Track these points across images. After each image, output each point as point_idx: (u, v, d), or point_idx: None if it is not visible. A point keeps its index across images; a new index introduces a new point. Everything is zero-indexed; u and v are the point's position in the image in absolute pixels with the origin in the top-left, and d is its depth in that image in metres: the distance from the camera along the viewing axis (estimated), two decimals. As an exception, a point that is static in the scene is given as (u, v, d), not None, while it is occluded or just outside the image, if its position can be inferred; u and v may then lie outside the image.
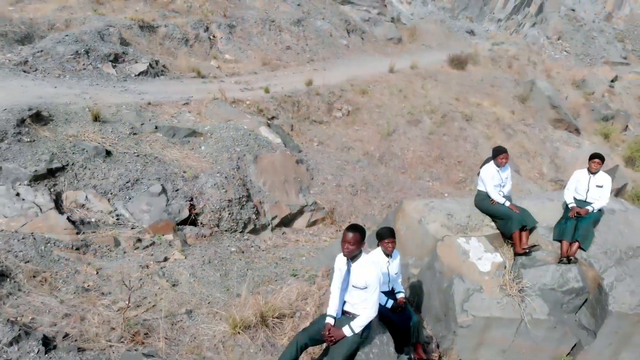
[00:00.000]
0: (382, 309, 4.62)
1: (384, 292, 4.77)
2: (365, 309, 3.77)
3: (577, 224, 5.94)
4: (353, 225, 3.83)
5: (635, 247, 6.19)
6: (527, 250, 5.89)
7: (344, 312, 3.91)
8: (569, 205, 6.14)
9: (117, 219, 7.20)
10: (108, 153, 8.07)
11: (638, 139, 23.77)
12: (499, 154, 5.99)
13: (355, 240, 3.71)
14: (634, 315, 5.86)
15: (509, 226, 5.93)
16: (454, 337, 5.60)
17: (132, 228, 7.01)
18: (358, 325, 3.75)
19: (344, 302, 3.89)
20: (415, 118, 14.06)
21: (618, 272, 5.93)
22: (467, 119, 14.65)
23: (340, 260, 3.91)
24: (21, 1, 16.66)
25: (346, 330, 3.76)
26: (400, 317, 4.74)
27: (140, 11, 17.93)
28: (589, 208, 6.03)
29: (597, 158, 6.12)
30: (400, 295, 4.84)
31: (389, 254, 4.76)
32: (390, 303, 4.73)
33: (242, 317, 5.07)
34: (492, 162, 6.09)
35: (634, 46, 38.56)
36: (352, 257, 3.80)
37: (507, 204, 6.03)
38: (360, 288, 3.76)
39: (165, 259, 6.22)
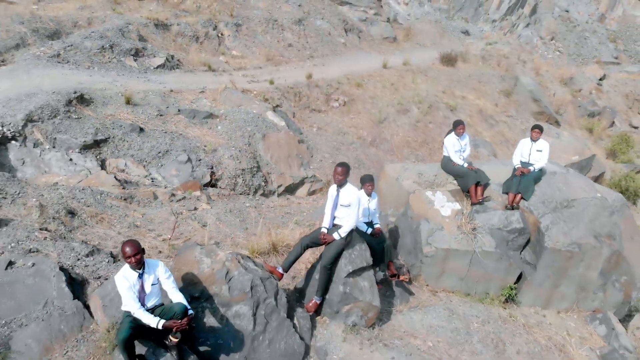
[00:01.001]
0: (364, 235, 6.21)
1: (365, 223, 6.35)
2: (347, 221, 5.35)
3: (520, 180, 7.52)
4: (341, 162, 5.41)
5: (570, 200, 7.77)
6: (481, 201, 7.47)
7: (334, 225, 5.48)
8: (515, 166, 7.73)
9: (152, 181, 8.78)
10: (141, 129, 9.64)
11: (621, 133, 25.17)
12: (457, 126, 7.57)
13: (343, 172, 5.29)
14: (566, 252, 7.43)
15: (466, 182, 7.50)
16: (421, 265, 7.18)
17: (165, 187, 8.59)
18: (343, 231, 5.33)
19: (334, 217, 5.46)
20: (404, 108, 15.64)
21: (553, 217, 7.51)
22: (452, 109, 16.22)
23: (332, 189, 5.49)
24: (42, 0, 18.17)
25: (335, 235, 5.34)
26: (377, 241, 6.30)
27: (154, 10, 19.47)
28: (531, 168, 7.61)
29: (537, 128, 7.72)
30: (377, 226, 6.41)
31: (369, 194, 6.32)
32: (369, 230, 6.30)
33: (258, 245, 6.64)
34: (453, 132, 7.66)
35: (626, 46, 39.54)
36: (340, 185, 5.37)
37: (466, 165, 7.61)
38: (345, 206, 5.33)
39: (195, 208, 7.79)
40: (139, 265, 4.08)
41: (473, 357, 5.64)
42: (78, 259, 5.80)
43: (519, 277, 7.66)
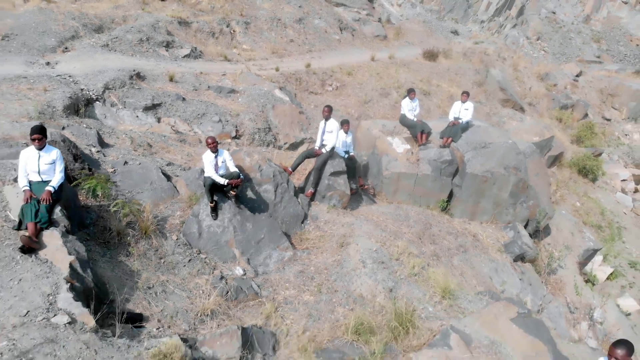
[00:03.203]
0: (343, 158, 9.64)
1: (344, 152, 9.79)
2: (330, 141, 8.79)
3: (452, 129, 10.97)
4: (327, 104, 8.86)
5: (487, 143, 11.22)
6: (424, 144, 10.93)
7: (322, 144, 8.93)
8: (450, 120, 11.19)
9: (195, 134, 12.21)
10: (183, 99, 13.07)
11: (586, 121, 28.42)
12: (410, 92, 11.02)
13: (328, 110, 8.74)
14: (482, 177, 10.88)
15: (415, 131, 10.96)
16: (382, 184, 10.63)
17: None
18: (328, 147, 8.79)
19: (322, 140, 8.91)
20: (385, 92, 19.09)
21: (473, 154, 10.97)
22: (425, 94, 19.68)
23: (321, 122, 8.93)
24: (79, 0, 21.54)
25: (323, 150, 8.79)
26: (351, 162, 9.73)
27: (176, 10, 22.87)
28: (460, 120, 11.06)
29: (465, 93, 11.18)
30: (352, 154, 9.84)
31: (346, 132, 9.76)
32: (346, 156, 9.72)
33: (273, 167, 10.05)
34: (407, 97, 11.11)
35: (609, 46, 42.49)
36: (326, 119, 8.81)
37: (415, 119, 11.06)
38: (329, 132, 8.78)
39: (228, 149, 11.22)
40: (215, 149, 7.47)
41: (408, 228, 9.08)
42: (162, 166, 9.23)
43: (451, 196, 11.13)
